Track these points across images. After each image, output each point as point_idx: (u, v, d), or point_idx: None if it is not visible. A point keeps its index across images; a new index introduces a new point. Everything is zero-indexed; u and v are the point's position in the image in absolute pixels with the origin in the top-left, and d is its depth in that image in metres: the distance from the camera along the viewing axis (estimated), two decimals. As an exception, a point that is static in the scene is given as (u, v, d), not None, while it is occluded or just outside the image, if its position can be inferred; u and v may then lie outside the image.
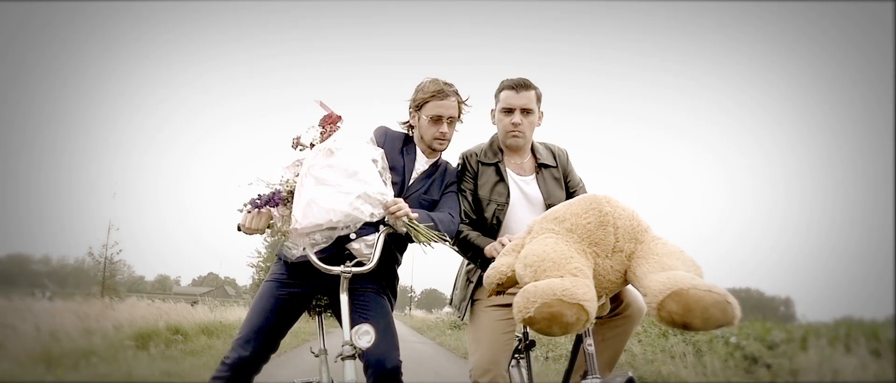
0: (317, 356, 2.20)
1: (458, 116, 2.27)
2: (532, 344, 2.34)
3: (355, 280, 2.01)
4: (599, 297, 1.65)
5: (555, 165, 2.40)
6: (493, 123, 2.43)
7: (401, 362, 2.00)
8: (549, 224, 1.69)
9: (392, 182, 2.16)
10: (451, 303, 2.53)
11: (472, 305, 2.32)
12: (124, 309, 10.10)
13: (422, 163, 2.32)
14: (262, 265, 21.99)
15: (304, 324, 16.15)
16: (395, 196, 2.13)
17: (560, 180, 2.39)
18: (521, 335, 2.35)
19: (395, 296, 2.31)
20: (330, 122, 2.00)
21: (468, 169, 2.37)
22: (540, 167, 2.37)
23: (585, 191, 2.42)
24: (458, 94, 2.25)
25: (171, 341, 7.84)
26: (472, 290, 2.31)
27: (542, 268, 1.51)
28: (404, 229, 1.97)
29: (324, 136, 1.99)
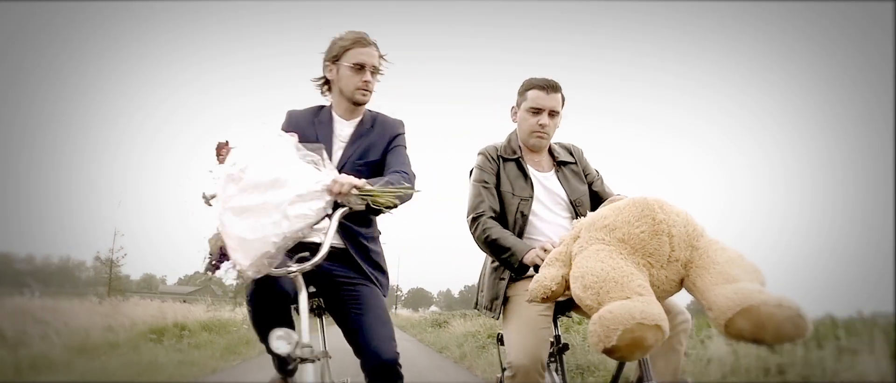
0: (318, 360, 2.00)
1: (378, 71, 2.09)
2: (565, 347, 2.19)
3: (339, 272, 1.94)
4: None
5: (573, 161, 2.39)
6: (514, 121, 2.39)
7: (397, 354, 1.83)
8: (599, 233, 1.57)
9: None
10: (476, 306, 2.42)
11: (504, 303, 2.22)
12: (129, 307, 11.08)
13: (344, 127, 2.09)
14: None
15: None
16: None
17: (580, 175, 2.37)
18: (553, 338, 2.16)
19: (385, 276, 2.10)
20: (223, 151, 1.71)
21: (490, 162, 2.30)
22: (559, 164, 2.35)
23: (603, 182, 2.42)
24: (378, 46, 2.08)
25: (180, 336, 8.83)
26: (505, 287, 2.21)
27: (604, 289, 1.43)
28: (361, 204, 1.71)
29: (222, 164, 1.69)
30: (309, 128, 2.03)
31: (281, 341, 1.51)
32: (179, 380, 5.15)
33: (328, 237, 1.64)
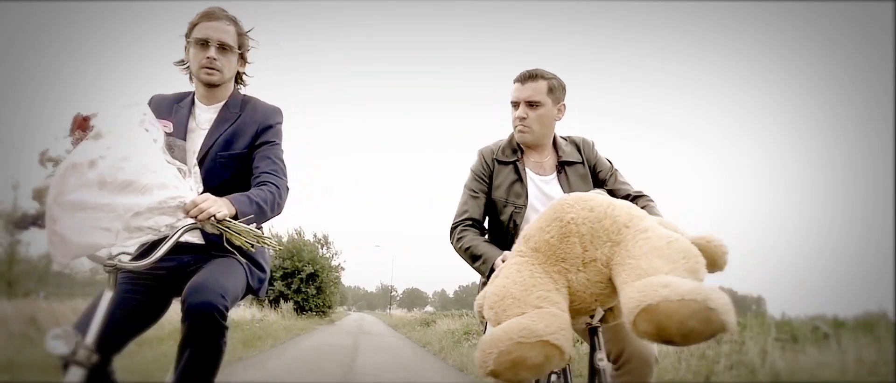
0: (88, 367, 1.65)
1: (238, 48, 1.83)
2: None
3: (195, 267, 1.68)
4: (592, 311, 1.45)
5: (580, 161, 2.15)
6: None
7: (224, 307, 1.51)
8: (520, 245, 1.49)
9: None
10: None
11: None
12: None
13: (204, 111, 1.83)
14: None
15: (296, 321, 18.00)
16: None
17: (587, 176, 2.14)
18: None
19: (261, 281, 1.83)
20: (79, 128, 1.46)
21: (483, 166, 2.15)
22: (561, 166, 2.13)
23: (617, 178, 2.16)
24: (235, 21, 1.82)
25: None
26: None
27: (502, 307, 1.34)
28: (217, 231, 1.50)
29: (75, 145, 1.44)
30: (167, 113, 1.80)
31: (58, 341, 1.28)
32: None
33: (162, 249, 1.39)
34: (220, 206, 1.50)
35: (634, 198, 2.06)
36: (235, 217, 1.55)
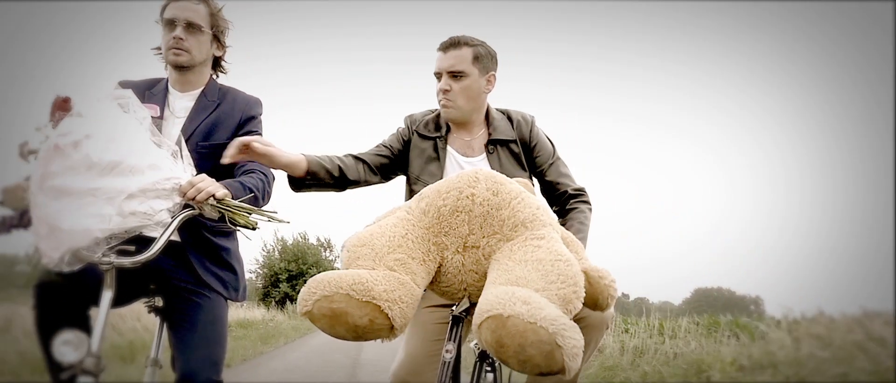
0: (146, 367, 1.64)
1: (210, 27, 1.71)
2: (489, 360, 1.75)
3: (175, 275, 1.60)
4: (458, 300, 1.34)
5: (513, 139, 1.86)
6: None
7: (217, 380, 1.52)
8: (413, 200, 1.35)
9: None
10: None
11: None
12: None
13: (179, 99, 1.73)
14: (260, 272, 23.33)
15: (290, 319, 18.46)
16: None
17: (520, 156, 1.86)
18: (476, 346, 1.76)
19: (235, 275, 1.73)
20: (59, 109, 1.35)
21: (404, 132, 1.91)
22: (492, 144, 1.85)
23: (560, 169, 1.90)
24: (208, 1, 1.71)
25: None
26: None
27: (355, 254, 1.21)
28: (216, 214, 1.43)
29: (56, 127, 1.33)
30: (150, 101, 1.70)
31: (67, 347, 1.18)
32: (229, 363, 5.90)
33: (163, 236, 1.33)
34: (219, 186, 1.43)
35: (570, 196, 1.85)
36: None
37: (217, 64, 1.83)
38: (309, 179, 1.73)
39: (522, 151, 1.88)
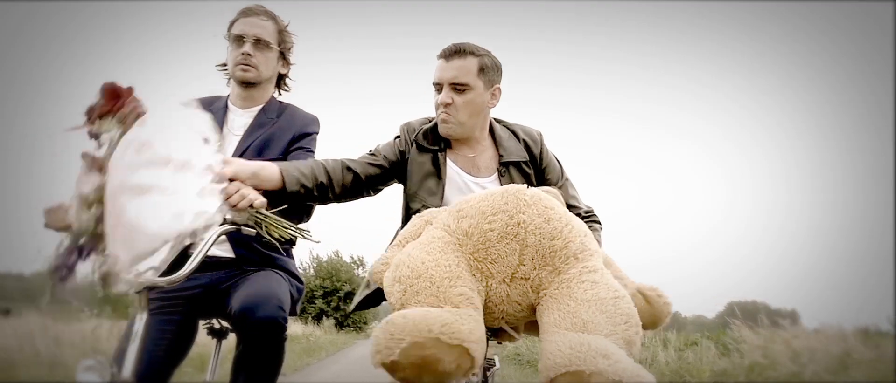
0: None
1: (277, 44, 1.70)
2: (490, 363, 1.71)
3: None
4: (492, 327, 1.27)
5: (525, 159, 1.71)
6: None
7: (284, 319, 1.41)
8: (451, 217, 1.26)
9: None
10: None
11: None
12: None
13: (239, 116, 1.70)
14: None
15: (335, 335, 19.34)
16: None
17: (531, 177, 1.71)
18: None
19: (297, 286, 1.69)
20: (118, 101, 1.24)
21: (401, 143, 1.73)
22: (504, 166, 1.69)
23: (569, 191, 1.77)
24: (275, 18, 1.69)
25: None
26: None
27: (414, 288, 1.12)
28: (251, 224, 1.33)
29: (126, 124, 1.24)
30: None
31: (90, 373, 1.11)
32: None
33: (200, 251, 1.21)
34: (259, 195, 1.36)
35: (581, 218, 1.67)
36: (282, 190, 1.44)
37: (280, 81, 1.80)
38: (287, 195, 1.51)
39: (533, 173, 1.74)
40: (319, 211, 1.74)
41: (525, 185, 1.30)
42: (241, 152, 1.64)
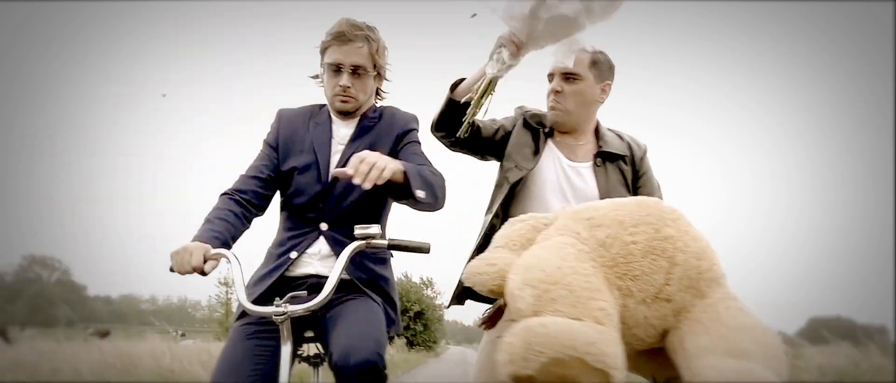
0: None
1: (373, 68, 1.63)
2: None
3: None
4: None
5: (624, 154, 1.73)
6: None
7: (381, 361, 1.29)
8: (578, 224, 1.14)
9: (305, 167, 1.59)
10: None
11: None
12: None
13: (342, 128, 1.67)
14: None
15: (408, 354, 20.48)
16: (316, 185, 1.59)
17: (627, 178, 1.72)
18: None
19: (393, 321, 1.58)
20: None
21: (513, 117, 1.82)
22: (601, 158, 1.71)
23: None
24: (369, 39, 1.60)
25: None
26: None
27: (550, 294, 1.01)
28: (383, 240, 1.35)
29: None
30: (303, 128, 1.67)
31: None
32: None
33: (334, 276, 1.26)
34: (389, 160, 1.33)
35: None
36: (405, 181, 1.38)
37: (376, 92, 1.75)
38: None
39: (630, 173, 1.74)
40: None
41: (671, 205, 1.19)
42: (347, 159, 1.58)
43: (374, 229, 1.32)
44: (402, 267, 27.30)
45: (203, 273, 1.28)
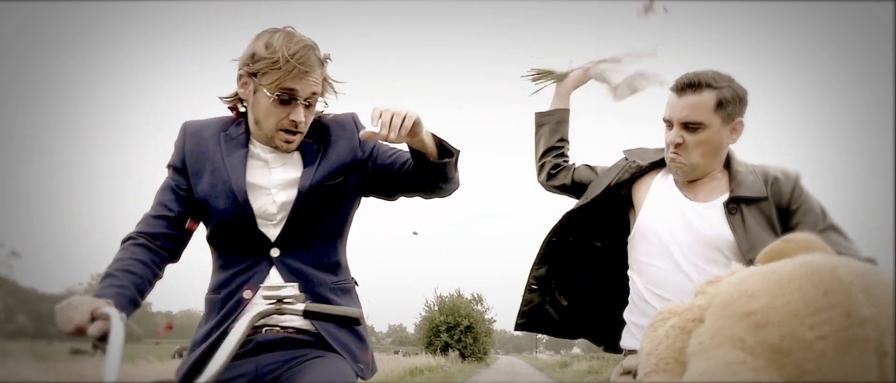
0: None
1: (323, 92, 1.31)
2: None
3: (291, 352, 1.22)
4: None
5: (762, 196, 1.41)
6: None
7: None
8: (736, 326, 0.85)
9: (218, 186, 1.27)
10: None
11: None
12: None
13: (277, 162, 1.32)
14: (423, 324, 27.62)
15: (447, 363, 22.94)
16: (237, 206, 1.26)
17: (773, 219, 1.41)
18: None
19: (363, 362, 1.30)
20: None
21: (616, 164, 1.62)
22: (735, 202, 1.41)
23: (836, 236, 1.37)
24: (321, 59, 1.28)
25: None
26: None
27: None
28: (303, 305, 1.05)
29: None
30: (213, 146, 1.31)
31: None
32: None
33: (232, 342, 0.98)
34: (406, 107, 1.12)
35: None
36: (441, 149, 1.22)
37: None
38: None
39: (776, 214, 1.42)
40: (440, 254, 2.62)
41: (839, 264, 0.85)
42: (307, 200, 1.28)
43: (288, 290, 1.03)
44: (453, 284, 29.64)
45: (86, 334, 0.99)
